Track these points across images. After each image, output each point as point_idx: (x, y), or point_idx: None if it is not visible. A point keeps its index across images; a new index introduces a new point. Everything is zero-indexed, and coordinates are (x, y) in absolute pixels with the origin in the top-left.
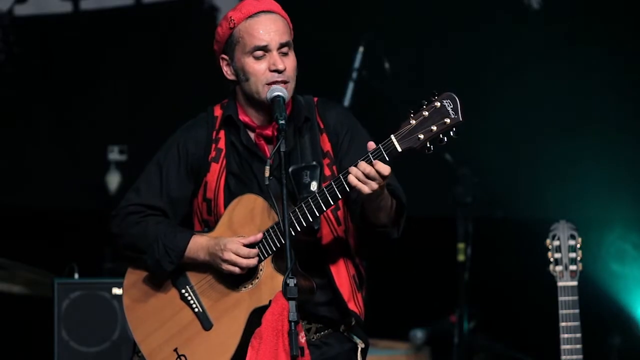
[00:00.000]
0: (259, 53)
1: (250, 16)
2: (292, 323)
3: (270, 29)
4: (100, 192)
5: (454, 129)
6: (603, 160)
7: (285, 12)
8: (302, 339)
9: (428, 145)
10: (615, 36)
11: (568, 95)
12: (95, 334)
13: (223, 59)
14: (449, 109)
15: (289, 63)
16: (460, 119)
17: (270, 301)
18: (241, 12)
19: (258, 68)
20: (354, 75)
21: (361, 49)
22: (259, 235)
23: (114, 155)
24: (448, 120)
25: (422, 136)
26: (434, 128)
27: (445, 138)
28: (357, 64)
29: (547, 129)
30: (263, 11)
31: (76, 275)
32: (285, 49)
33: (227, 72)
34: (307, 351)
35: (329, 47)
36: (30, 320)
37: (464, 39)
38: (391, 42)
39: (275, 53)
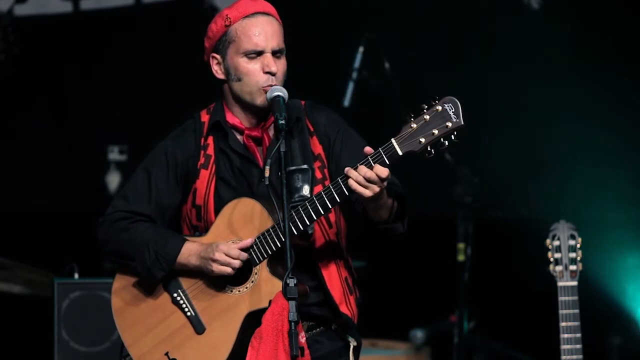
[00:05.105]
0: (253, 55)
1: (247, 16)
2: (292, 323)
3: (266, 31)
4: (100, 192)
5: (455, 133)
6: (603, 160)
7: (279, 17)
8: (302, 339)
9: (429, 149)
10: (615, 36)
11: (568, 95)
12: (95, 334)
13: (213, 57)
14: (450, 112)
15: (280, 67)
16: (462, 123)
17: (270, 302)
18: (238, 10)
19: (251, 68)
20: (354, 75)
21: (361, 49)
22: (249, 241)
23: (114, 155)
24: (450, 124)
25: (423, 140)
26: (436, 132)
27: (447, 142)
28: (357, 64)
29: (547, 129)
30: (260, 12)
31: (76, 275)
32: (278, 54)
33: (217, 70)
34: (307, 351)
35: (329, 47)
36: (30, 320)
37: (463, 39)
38: (391, 42)
39: (269, 55)
